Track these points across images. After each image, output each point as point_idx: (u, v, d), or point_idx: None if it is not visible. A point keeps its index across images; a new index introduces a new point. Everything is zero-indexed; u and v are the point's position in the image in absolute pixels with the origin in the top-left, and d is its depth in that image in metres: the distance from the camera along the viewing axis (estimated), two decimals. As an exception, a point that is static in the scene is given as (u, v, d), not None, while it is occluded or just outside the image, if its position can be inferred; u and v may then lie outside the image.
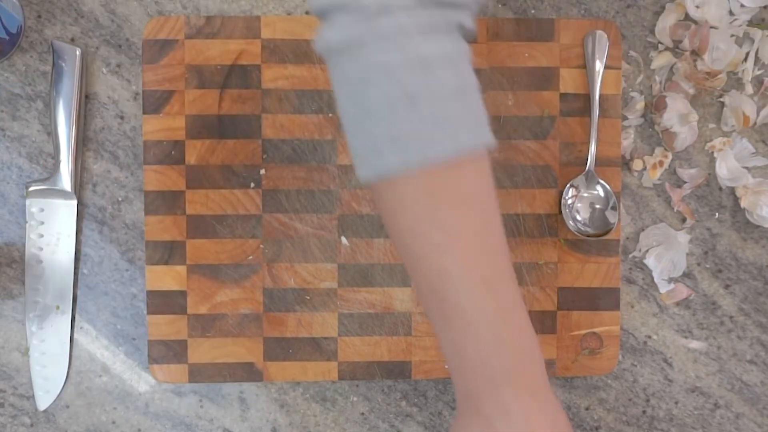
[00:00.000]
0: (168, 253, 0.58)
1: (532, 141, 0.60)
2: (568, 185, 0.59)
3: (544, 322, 0.60)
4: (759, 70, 0.62)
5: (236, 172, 0.59)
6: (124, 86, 0.60)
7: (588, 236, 0.59)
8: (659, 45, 0.62)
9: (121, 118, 0.60)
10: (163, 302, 0.59)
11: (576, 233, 0.59)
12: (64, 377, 0.60)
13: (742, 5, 0.61)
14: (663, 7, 0.62)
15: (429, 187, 0.37)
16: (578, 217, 0.60)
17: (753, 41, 0.62)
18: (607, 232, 0.59)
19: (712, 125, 0.62)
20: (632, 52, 0.61)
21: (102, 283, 0.60)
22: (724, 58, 0.61)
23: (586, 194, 0.60)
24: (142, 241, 0.60)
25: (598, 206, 0.60)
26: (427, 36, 0.36)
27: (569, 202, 0.59)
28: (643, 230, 0.62)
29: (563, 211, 0.59)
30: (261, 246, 0.59)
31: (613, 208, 0.59)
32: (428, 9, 0.36)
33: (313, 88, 0.59)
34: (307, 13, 0.60)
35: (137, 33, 0.60)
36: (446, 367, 0.57)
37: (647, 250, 0.62)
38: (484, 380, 0.39)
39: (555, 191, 0.60)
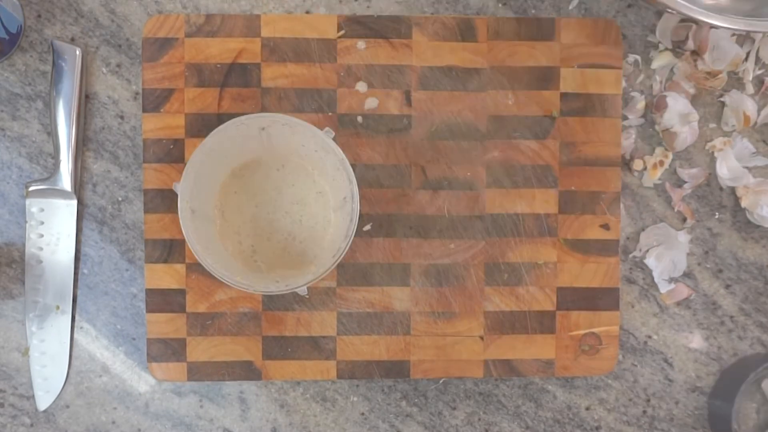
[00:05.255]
0: (167, 251, 0.58)
1: (532, 141, 0.60)
2: None
3: (543, 322, 0.60)
4: (759, 69, 0.62)
5: (236, 172, 0.59)
6: (124, 86, 0.60)
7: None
8: (659, 45, 0.62)
9: (121, 117, 0.60)
10: (162, 300, 0.59)
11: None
12: (64, 377, 0.60)
13: (742, 5, 0.61)
14: (663, 7, 0.61)
15: None
16: None
17: (753, 41, 0.61)
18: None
19: (712, 125, 0.62)
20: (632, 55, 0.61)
21: (102, 283, 0.60)
22: (724, 57, 0.61)
23: None
24: (142, 240, 0.60)
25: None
26: None
27: None
28: (643, 230, 0.62)
29: None
30: (260, 245, 0.59)
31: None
32: None
33: (313, 86, 0.59)
34: (307, 12, 0.60)
35: (137, 33, 0.60)
36: None
37: (647, 250, 0.62)
38: None
39: (555, 191, 0.60)
